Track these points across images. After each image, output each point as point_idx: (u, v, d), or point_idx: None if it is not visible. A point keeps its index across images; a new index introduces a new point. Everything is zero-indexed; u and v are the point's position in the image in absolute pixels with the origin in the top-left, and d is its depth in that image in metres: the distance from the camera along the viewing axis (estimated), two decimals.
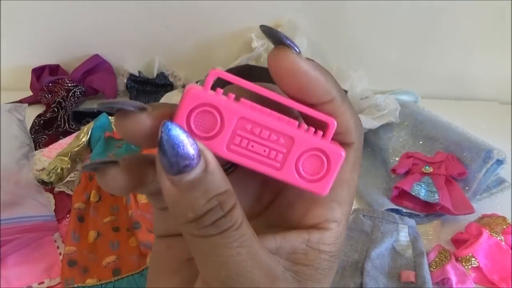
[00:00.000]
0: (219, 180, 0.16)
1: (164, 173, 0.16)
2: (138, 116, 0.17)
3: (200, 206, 0.16)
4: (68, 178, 0.77)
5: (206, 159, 0.16)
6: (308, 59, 0.18)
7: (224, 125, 0.17)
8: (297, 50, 0.18)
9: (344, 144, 0.19)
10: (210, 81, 0.18)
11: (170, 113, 0.17)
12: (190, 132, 0.17)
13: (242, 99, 0.18)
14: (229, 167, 0.20)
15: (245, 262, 0.16)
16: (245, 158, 0.18)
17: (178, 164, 0.16)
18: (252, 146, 0.17)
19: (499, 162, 0.73)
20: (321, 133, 0.18)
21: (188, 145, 0.16)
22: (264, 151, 0.18)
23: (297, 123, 0.18)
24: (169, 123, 0.16)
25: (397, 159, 0.82)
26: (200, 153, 0.16)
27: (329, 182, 0.18)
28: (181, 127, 0.16)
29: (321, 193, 0.18)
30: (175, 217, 0.17)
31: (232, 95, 0.18)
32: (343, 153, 0.18)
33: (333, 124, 0.18)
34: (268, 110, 0.18)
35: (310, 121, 0.18)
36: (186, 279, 0.20)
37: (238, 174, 0.20)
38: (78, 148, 0.80)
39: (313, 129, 0.18)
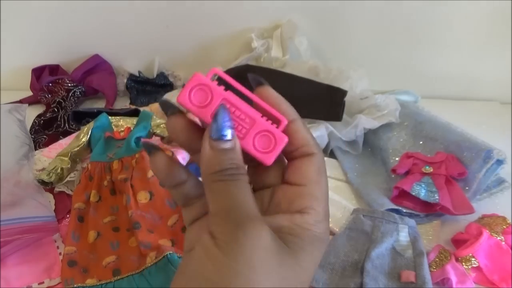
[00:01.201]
0: (240, 157, 0.25)
1: (208, 137, 0.24)
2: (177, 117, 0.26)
3: (225, 163, 0.24)
4: (68, 178, 0.77)
5: (236, 143, 0.25)
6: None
7: (212, 100, 0.25)
8: (270, 87, 0.27)
9: (309, 155, 0.26)
10: (210, 75, 0.26)
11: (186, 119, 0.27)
12: (189, 102, 0.26)
13: (229, 91, 0.26)
14: None
15: (245, 200, 0.24)
16: None
17: (221, 131, 0.24)
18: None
19: (499, 162, 0.73)
20: (275, 125, 0.26)
21: (230, 124, 0.25)
22: (235, 123, 0.26)
23: (261, 115, 0.26)
24: (224, 105, 0.25)
25: (397, 159, 0.82)
26: (234, 136, 0.25)
27: (273, 156, 0.26)
28: (229, 113, 0.25)
29: (267, 163, 0.26)
30: (204, 171, 0.24)
31: (223, 86, 0.26)
32: (286, 139, 0.26)
33: (285, 121, 0.26)
34: (245, 102, 0.26)
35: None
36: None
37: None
38: (78, 148, 0.80)
39: (271, 121, 0.26)
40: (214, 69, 0.26)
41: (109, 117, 0.85)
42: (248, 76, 0.27)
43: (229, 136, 0.24)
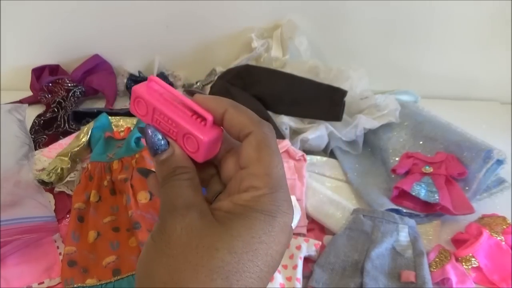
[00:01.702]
0: (179, 160, 0.28)
1: (151, 156, 0.28)
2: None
3: (165, 171, 0.28)
4: (68, 178, 0.77)
5: (173, 149, 0.28)
6: (211, 96, 0.29)
7: (148, 109, 0.29)
8: (202, 93, 0.30)
9: (247, 135, 0.27)
10: (150, 84, 0.29)
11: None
12: (136, 112, 0.30)
13: (164, 96, 0.29)
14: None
15: (172, 196, 0.27)
16: (161, 128, 0.29)
17: (153, 149, 0.28)
18: (161, 123, 0.29)
19: (499, 162, 0.74)
20: (204, 123, 0.28)
21: (158, 138, 0.28)
22: (168, 130, 0.28)
23: (190, 114, 0.28)
24: (147, 126, 0.28)
25: (397, 159, 0.82)
26: (168, 145, 0.28)
27: (201, 155, 0.28)
28: (155, 129, 0.28)
29: (198, 161, 0.28)
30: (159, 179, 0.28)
31: (157, 94, 0.29)
32: (206, 138, 0.27)
33: (209, 117, 0.27)
34: (175, 105, 0.28)
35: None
36: None
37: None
38: (78, 148, 0.80)
39: (200, 119, 0.28)
40: (151, 77, 0.29)
41: (109, 117, 0.85)
42: (185, 91, 0.29)
43: (163, 148, 0.28)
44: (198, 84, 1.00)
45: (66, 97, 0.97)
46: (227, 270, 0.23)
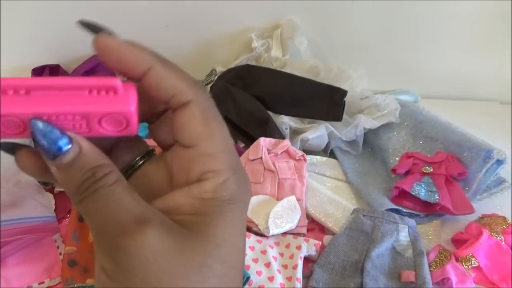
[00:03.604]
0: (93, 158, 0.20)
1: (47, 160, 0.20)
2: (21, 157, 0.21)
3: (77, 179, 0.19)
4: None
5: (79, 144, 0.20)
6: (127, 40, 0.21)
7: (25, 125, 0.20)
8: (109, 32, 0.21)
9: (184, 104, 0.21)
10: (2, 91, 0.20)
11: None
12: (10, 134, 0.20)
13: (33, 93, 0.20)
14: (141, 158, 0.25)
15: (113, 210, 0.19)
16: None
17: (51, 150, 0.19)
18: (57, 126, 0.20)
19: (499, 162, 0.73)
20: (112, 93, 0.20)
21: (55, 134, 0.19)
22: (69, 126, 0.20)
23: (86, 93, 0.20)
24: (34, 119, 0.19)
25: (397, 159, 0.82)
26: (71, 141, 0.20)
27: (133, 126, 0.21)
28: (45, 122, 0.19)
29: (131, 133, 0.21)
30: (68, 194, 0.20)
31: (22, 93, 0.20)
32: (133, 108, 0.20)
33: (116, 82, 0.20)
34: (58, 94, 0.20)
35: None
36: None
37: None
38: None
39: (104, 92, 0.20)
40: (2, 80, 0.20)
41: None
42: (79, 22, 0.22)
43: (65, 147, 0.19)
44: None
45: None
46: (226, 281, 0.20)
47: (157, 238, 0.19)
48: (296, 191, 0.74)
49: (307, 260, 0.66)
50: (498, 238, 0.66)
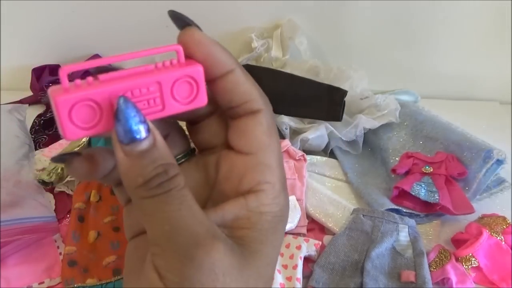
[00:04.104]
0: (165, 153, 0.19)
1: (118, 144, 0.18)
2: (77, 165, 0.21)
3: (148, 171, 0.18)
4: (68, 178, 0.77)
5: (154, 136, 0.19)
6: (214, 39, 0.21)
7: (101, 107, 0.19)
8: (200, 29, 0.21)
9: (254, 112, 0.21)
10: (64, 77, 0.19)
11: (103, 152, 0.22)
12: (80, 130, 0.19)
13: (100, 77, 0.20)
14: (183, 156, 0.24)
15: (186, 218, 0.18)
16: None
17: (131, 133, 0.18)
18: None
19: (499, 162, 0.73)
20: (176, 60, 0.21)
21: (139, 119, 0.18)
22: (144, 104, 0.20)
23: (153, 66, 0.21)
24: (124, 97, 0.18)
25: (397, 159, 0.82)
26: (149, 129, 0.18)
27: (203, 93, 0.21)
28: (133, 103, 0.19)
29: (202, 104, 0.21)
30: (126, 185, 0.19)
31: (91, 78, 0.20)
32: (200, 67, 0.20)
33: (180, 49, 0.21)
34: (125, 72, 0.20)
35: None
36: None
37: (187, 165, 0.24)
38: (78, 148, 0.80)
39: (169, 62, 0.21)
40: (63, 67, 0.20)
41: None
42: (169, 12, 0.22)
43: (143, 133, 0.18)
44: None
45: None
46: None
47: (226, 256, 0.19)
48: (296, 191, 0.74)
49: (307, 260, 0.66)
50: (498, 238, 0.66)
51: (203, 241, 0.18)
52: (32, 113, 0.95)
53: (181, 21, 0.21)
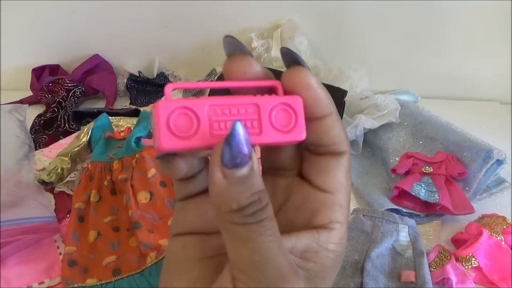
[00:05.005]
0: (260, 180, 0.19)
1: (219, 165, 0.18)
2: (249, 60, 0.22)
3: (244, 198, 0.18)
4: (68, 178, 0.77)
5: (253, 162, 0.18)
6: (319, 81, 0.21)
7: (199, 118, 0.19)
8: (309, 69, 0.21)
9: (339, 153, 0.22)
10: (169, 93, 0.20)
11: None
12: (176, 138, 0.19)
13: (202, 97, 0.20)
14: None
15: (275, 250, 0.18)
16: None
17: (237, 158, 0.18)
18: (229, 125, 0.20)
19: (499, 162, 0.73)
20: (275, 95, 0.21)
21: (248, 147, 0.18)
22: (245, 125, 0.19)
23: (252, 95, 0.21)
24: (240, 122, 0.18)
25: (397, 159, 0.82)
26: (251, 154, 0.18)
27: (302, 126, 0.21)
28: (247, 131, 0.18)
29: (300, 138, 0.21)
30: (217, 207, 0.19)
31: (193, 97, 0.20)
32: (300, 99, 0.21)
33: (279, 84, 0.21)
34: (226, 96, 0.20)
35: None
36: (199, 278, 0.22)
37: None
38: (78, 148, 0.80)
39: (267, 94, 0.21)
40: (168, 84, 0.20)
41: (109, 117, 0.85)
42: (281, 50, 0.22)
43: (246, 158, 0.18)
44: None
45: (66, 97, 0.97)
46: None
47: None
48: None
49: None
50: (498, 238, 0.66)
51: (288, 277, 0.19)
52: (32, 113, 0.95)
53: (291, 58, 0.22)
